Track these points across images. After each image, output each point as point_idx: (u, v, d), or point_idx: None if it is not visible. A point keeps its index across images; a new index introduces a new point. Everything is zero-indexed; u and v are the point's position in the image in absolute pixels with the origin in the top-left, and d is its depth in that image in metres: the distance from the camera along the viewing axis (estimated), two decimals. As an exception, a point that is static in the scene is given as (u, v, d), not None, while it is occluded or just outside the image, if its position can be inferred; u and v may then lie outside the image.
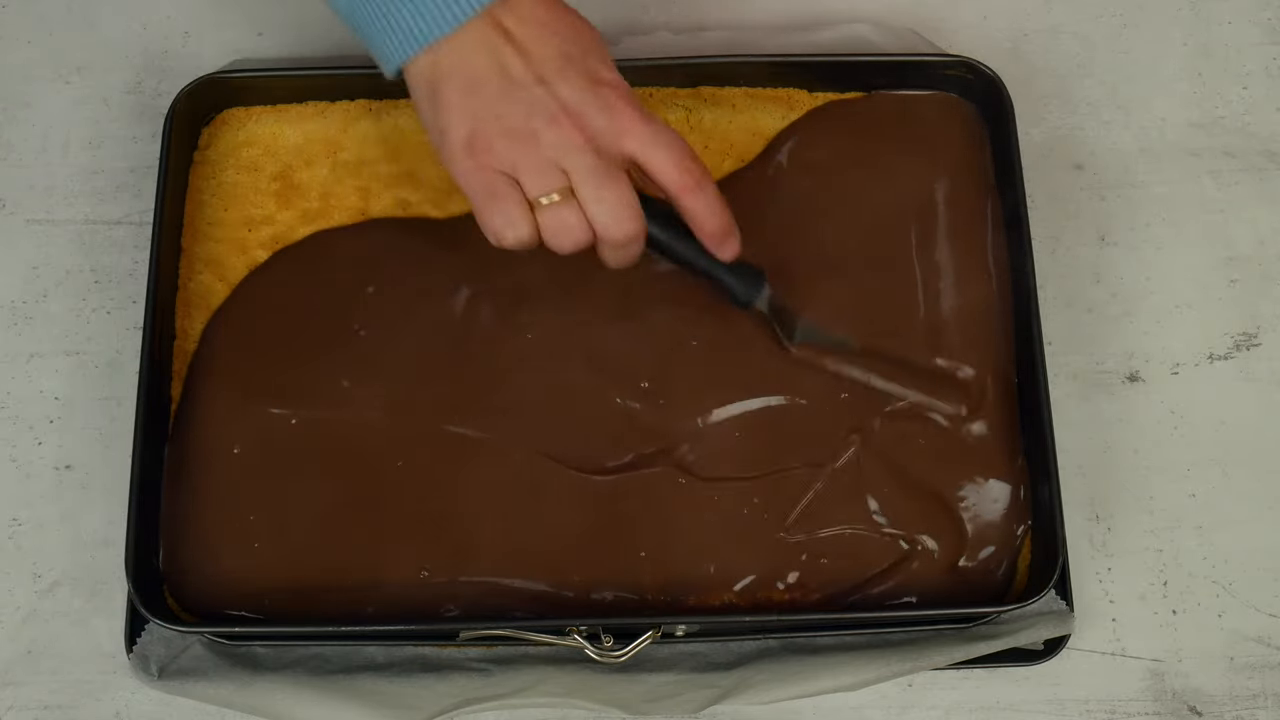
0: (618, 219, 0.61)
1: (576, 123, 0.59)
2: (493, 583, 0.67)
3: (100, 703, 0.69)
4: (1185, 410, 0.74)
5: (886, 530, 0.67)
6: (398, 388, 0.69)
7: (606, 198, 0.60)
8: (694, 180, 0.61)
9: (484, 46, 0.59)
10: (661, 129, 0.60)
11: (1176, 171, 0.78)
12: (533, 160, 0.60)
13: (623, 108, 0.59)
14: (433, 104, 0.60)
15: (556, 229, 0.61)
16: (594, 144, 0.59)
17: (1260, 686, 0.69)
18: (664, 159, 0.60)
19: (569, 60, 0.59)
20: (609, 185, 0.60)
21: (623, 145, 0.60)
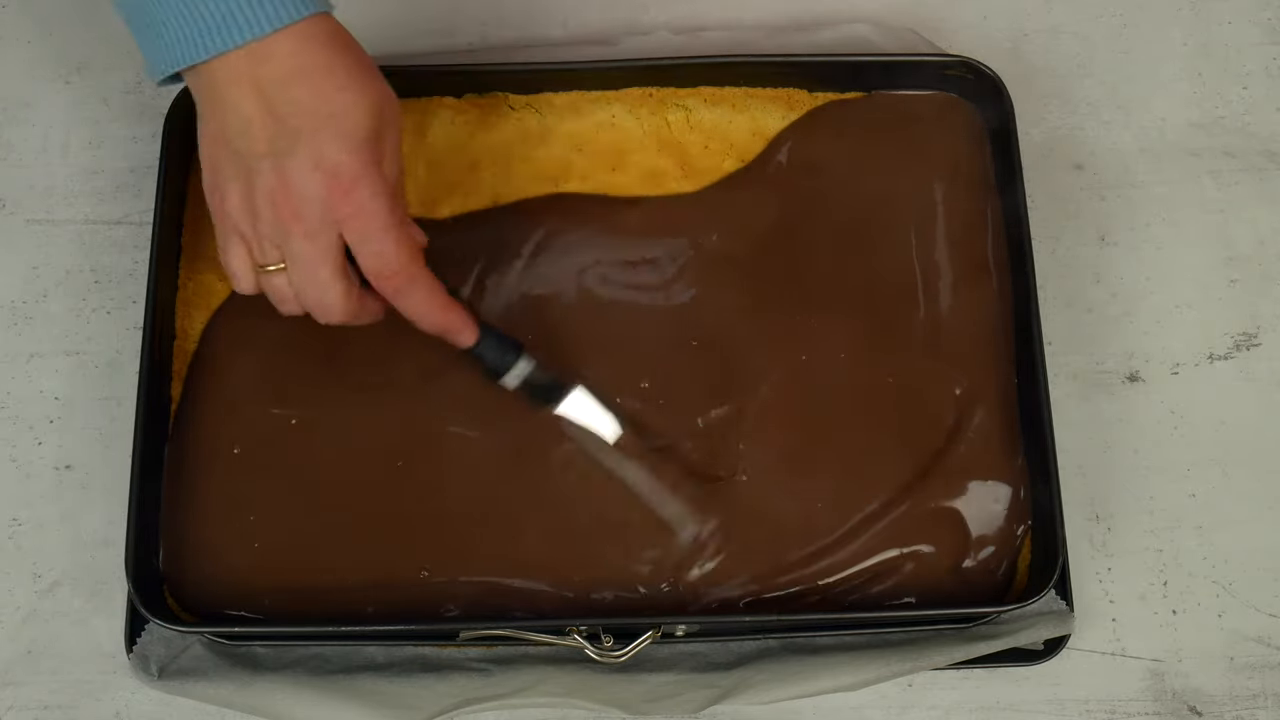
0: (320, 304, 0.60)
1: (293, 208, 0.58)
2: (493, 583, 0.67)
3: (100, 703, 0.69)
4: (1185, 410, 0.74)
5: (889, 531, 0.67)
6: (398, 388, 0.69)
7: (308, 286, 0.60)
8: (393, 288, 0.60)
9: (233, 88, 0.57)
10: (374, 232, 0.58)
11: (1176, 171, 0.78)
12: (254, 232, 0.60)
13: (336, 199, 0.57)
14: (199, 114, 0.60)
15: (273, 295, 0.62)
16: (306, 229, 0.58)
17: (1260, 686, 0.69)
18: (368, 265, 0.60)
19: (300, 136, 0.57)
20: (312, 271, 0.59)
21: (339, 230, 0.59)
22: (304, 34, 0.57)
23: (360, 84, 0.58)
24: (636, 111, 0.74)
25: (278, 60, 0.56)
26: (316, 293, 0.60)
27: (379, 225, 0.58)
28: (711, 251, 0.72)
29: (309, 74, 0.57)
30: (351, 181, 0.57)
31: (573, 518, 0.67)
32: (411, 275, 0.60)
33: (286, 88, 0.57)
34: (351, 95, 0.57)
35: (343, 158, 0.57)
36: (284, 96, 0.57)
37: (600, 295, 0.71)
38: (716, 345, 0.70)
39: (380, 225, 0.58)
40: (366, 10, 0.80)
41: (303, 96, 0.57)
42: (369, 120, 0.58)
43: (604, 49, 0.78)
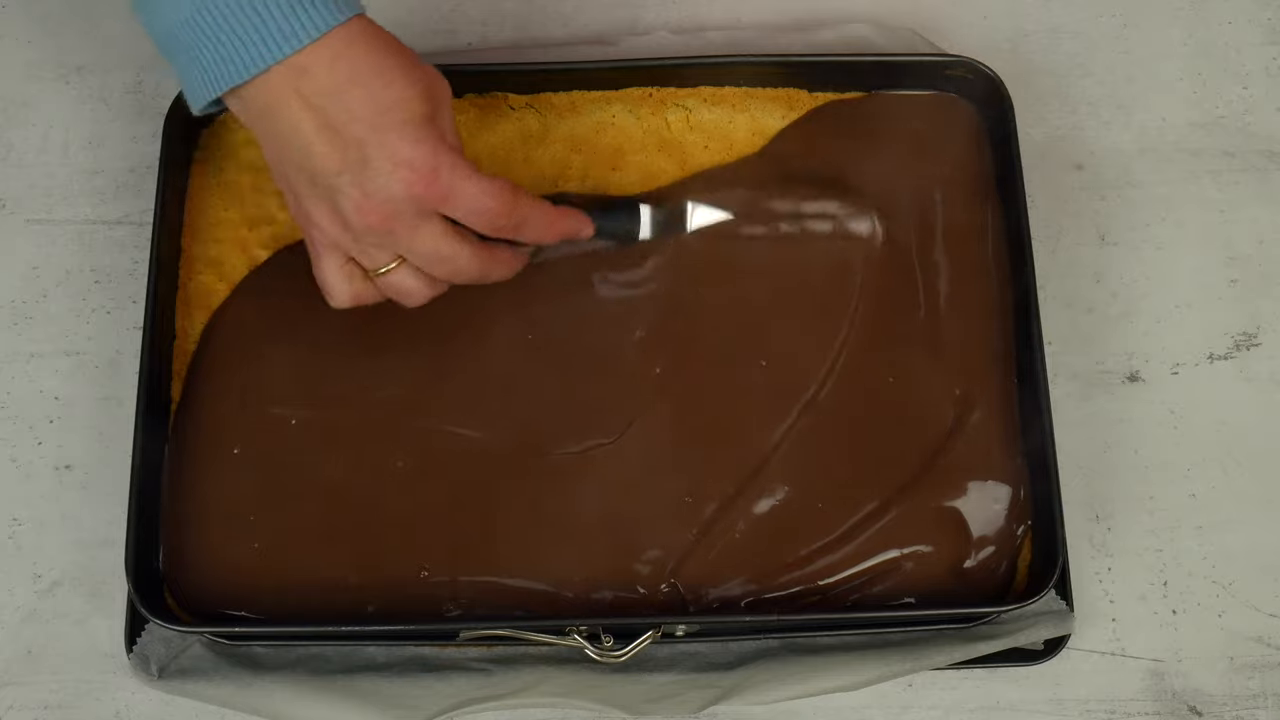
0: (456, 275, 0.62)
1: (386, 214, 0.58)
2: (493, 582, 0.67)
3: (100, 703, 0.69)
4: (1185, 410, 0.74)
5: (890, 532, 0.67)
6: (398, 388, 0.69)
7: (436, 267, 0.61)
8: (511, 230, 0.61)
9: (282, 109, 0.57)
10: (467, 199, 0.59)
11: (1177, 171, 0.78)
12: (355, 244, 0.60)
13: (422, 190, 0.58)
14: (258, 139, 0.60)
15: (396, 292, 0.63)
16: (408, 226, 0.59)
17: (1260, 686, 0.69)
18: (480, 226, 0.61)
19: (359, 147, 0.57)
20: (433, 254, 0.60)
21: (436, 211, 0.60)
22: (341, 40, 0.57)
23: (405, 74, 0.58)
24: (636, 111, 0.74)
25: (321, 72, 0.56)
26: (447, 268, 0.61)
27: (469, 192, 0.59)
28: (710, 249, 0.72)
29: (355, 79, 0.57)
30: (429, 170, 0.58)
31: (572, 518, 0.67)
32: (518, 211, 0.61)
33: (337, 98, 0.57)
34: (400, 88, 0.58)
35: (413, 151, 0.58)
36: (337, 107, 0.57)
37: (600, 294, 0.71)
38: (716, 344, 0.70)
39: (470, 192, 0.59)
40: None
41: (355, 103, 0.57)
42: (423, 106, 0.58)
43: (604, 49, 0.78)
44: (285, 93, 0.57)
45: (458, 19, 0.81)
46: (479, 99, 0.74)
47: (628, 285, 0.71)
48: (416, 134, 0.58)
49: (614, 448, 0.68)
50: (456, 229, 0.61)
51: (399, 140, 0.57)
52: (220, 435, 0.69)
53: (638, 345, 0.70)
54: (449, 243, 0.60)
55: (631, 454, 0.68)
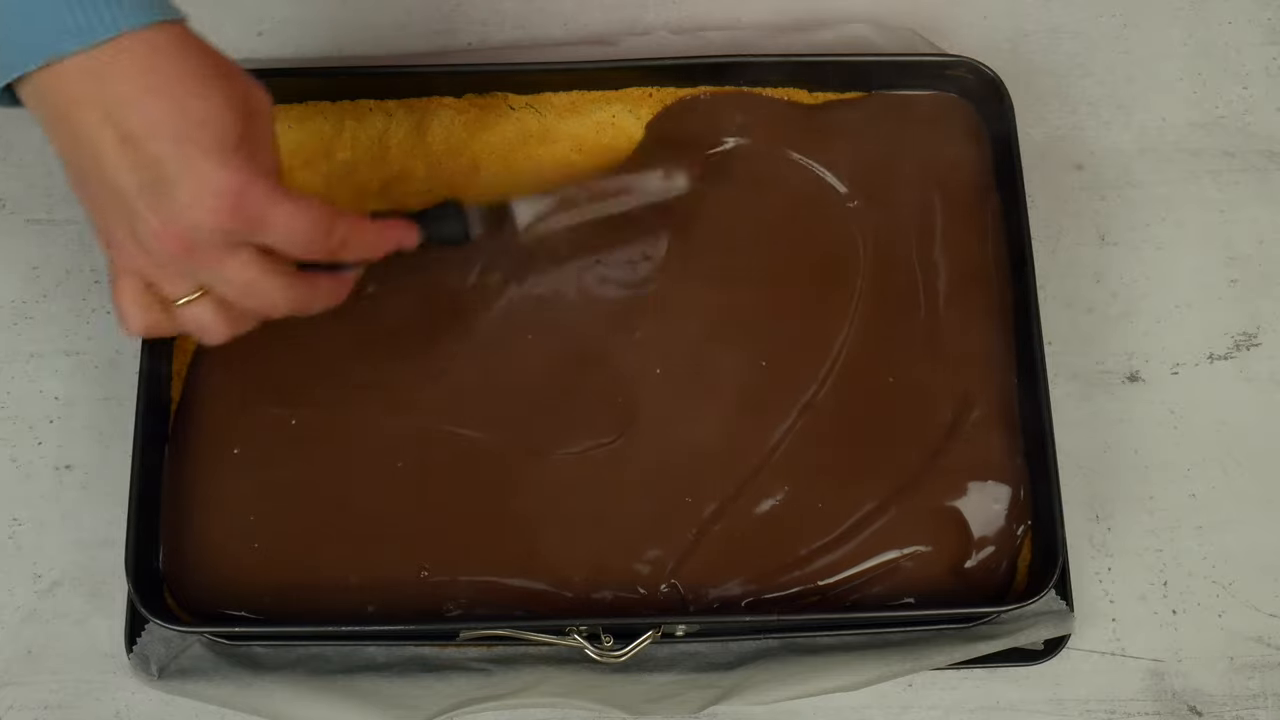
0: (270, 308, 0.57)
1: (188, 243, 0.53)
2: (493, 582, 0.67)
3: (100, 703, 0.69)
4: (1185, 410, 0.74)
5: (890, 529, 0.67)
6: (398, 388, 0.69)
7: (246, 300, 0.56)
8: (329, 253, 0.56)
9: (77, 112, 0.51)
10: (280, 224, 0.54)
11: (1177, 171, 0.78)
12: (156, 270, 0.55)
13: (228, 219, 0.52)
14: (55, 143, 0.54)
15: (194, 326, 0.57)
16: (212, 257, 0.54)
17: (1260, 686, 0.69)
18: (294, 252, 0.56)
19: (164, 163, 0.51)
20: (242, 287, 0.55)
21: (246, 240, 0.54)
22: (147, 46, 0.51)
23: (218, 88, 0.53)
24: (636, 111, 0.74)
25: (122, 80, 0.51)
26: (258, 302, 0.56)
27: (282, 218, 0.54)
28: (710, 248, 0.72)
29: (160, 91, 0.51)
30: (235, 196, 0.52)
31: (572, 518, 0.67)
32: (336, 233, 0.56)
33: (140, 110, 0.51)
34: (212, 100, 0.52)
35: (219, 173, 0.52)
36: (139, 120, 0.51)
37: (600, 293, 0.71)
38: (716, 344, 0.70)
39: (283, 218, 0.54)
40: (367, 11, 0.80)
41: (159, 117, 0.51)
42: (236, 124, 0.53)
43: (604, 49, 0.78)
44: (83, 98, 0.51)
45: (458, 19, 0.81)
46: (479, 99, 0.74)
47: (628, 286, 0.71)
48: (225, 156, 0.52)
49: (614, 448, 0.68)
50: (270, 259, 0.55)
51: (203, 161, 0.52)
52: (220, 435, 0.69)
53: (638, 345, 0.70)
54: (260, 275, 0.55)
55: (631, 454, 0.68)
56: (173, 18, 0.53)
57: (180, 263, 0.54)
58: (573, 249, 0.71)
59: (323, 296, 0.59)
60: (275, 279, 0.56)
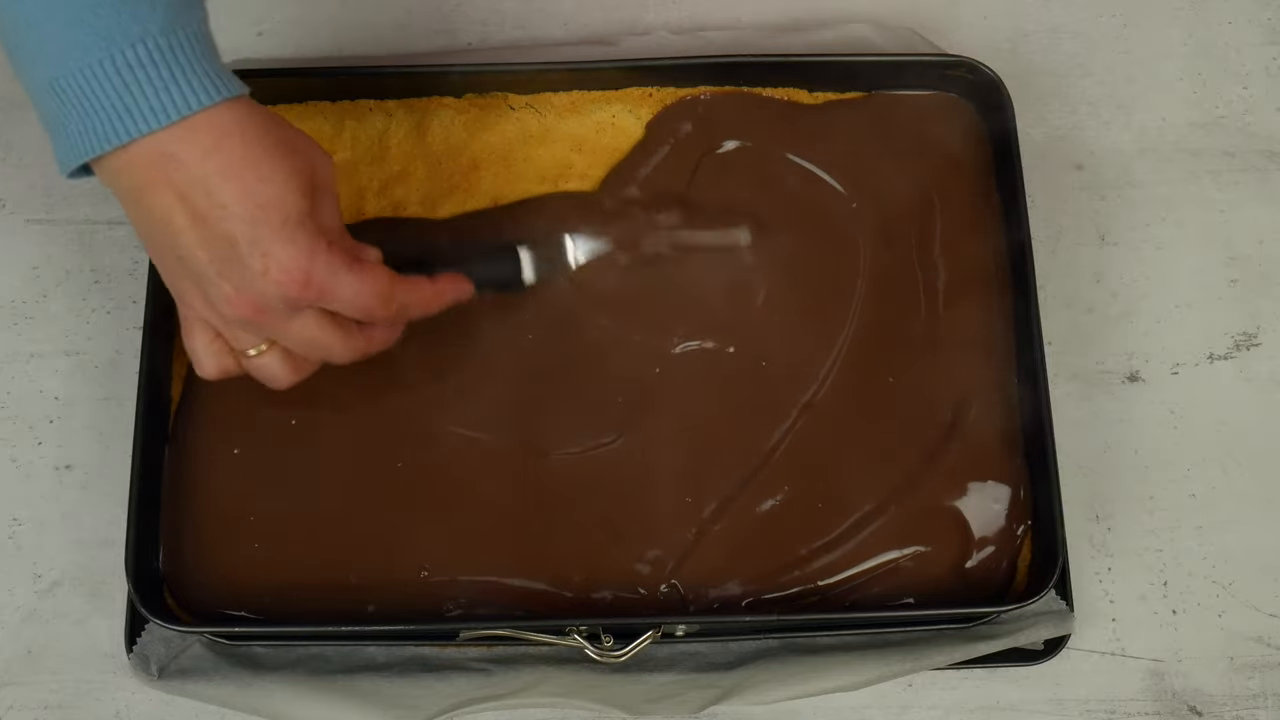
0: (331, 359, 0.61)
1: (257, 308, 0.56)
2: (493, 582, 0.67)
3: (100, 703, 0.69)
4: (1185, 410, 0.74)
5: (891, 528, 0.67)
6: (398, 388, 0.69)
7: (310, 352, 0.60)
8: (389, 319, 0.61)
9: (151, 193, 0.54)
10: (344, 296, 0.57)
11: (1177, 171, 0.78)
12: (224, 326, 0.59)
13: (296, 293, 0.56)
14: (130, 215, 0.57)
15: (263, 376, 0.61)
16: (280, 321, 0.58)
17: (1260, 686, 0.69)
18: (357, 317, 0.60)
19: (231, 245, 0.54)
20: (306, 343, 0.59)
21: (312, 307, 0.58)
22: (217, 127, 0.54)
23: (284, 165, 0.55)
24: (636, 111, 0.74)
25: (193, 162, 0.53)
26: (321, 354, 0.60)
27: (346, 291, 0.57)
28: (709, 249, 0.72)
29: (229, 173, 0.54)
30: (303, 273, 0.56)
31: (573, 518, 0.67)
32: (396, 301, 0.60)
33: (210, 191, 0.54)
34: (277, 184, 0.55)
35: (287, 252, 0.55)
36: (209, 202, 0.54)
37: (600, 291, 0.71)
38: (716, 344, 0.70)
39: (347, 290, 0.57)
40: (367, 11, 0.80)
41: (228, 198, 0.54)
42: (299, 200, 0.56)
43: (604, 49, 0.78)
44: (155, 178, 0.54)
45: (458, 19, 0.81)
46: (479, 99, 0.74)
47: (628, 286, 0.71)
48: (292, 233, 0.55)
49: (614, 448, 0.69)
50: (331, 318, 0.59)
51: (272, 240, 0.55)
52: (220, 435, 0.69)
53: (638, 345, 0.70)
54: (324, 333, 0.59)
55: (631, 454, 0.68)
56: (237, 93, 0.55)
57: (249, 323, 0.58)
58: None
59: (379, 344, 0.63)
60: (336, 335, 0.59)
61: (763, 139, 0.73)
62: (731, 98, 0.74)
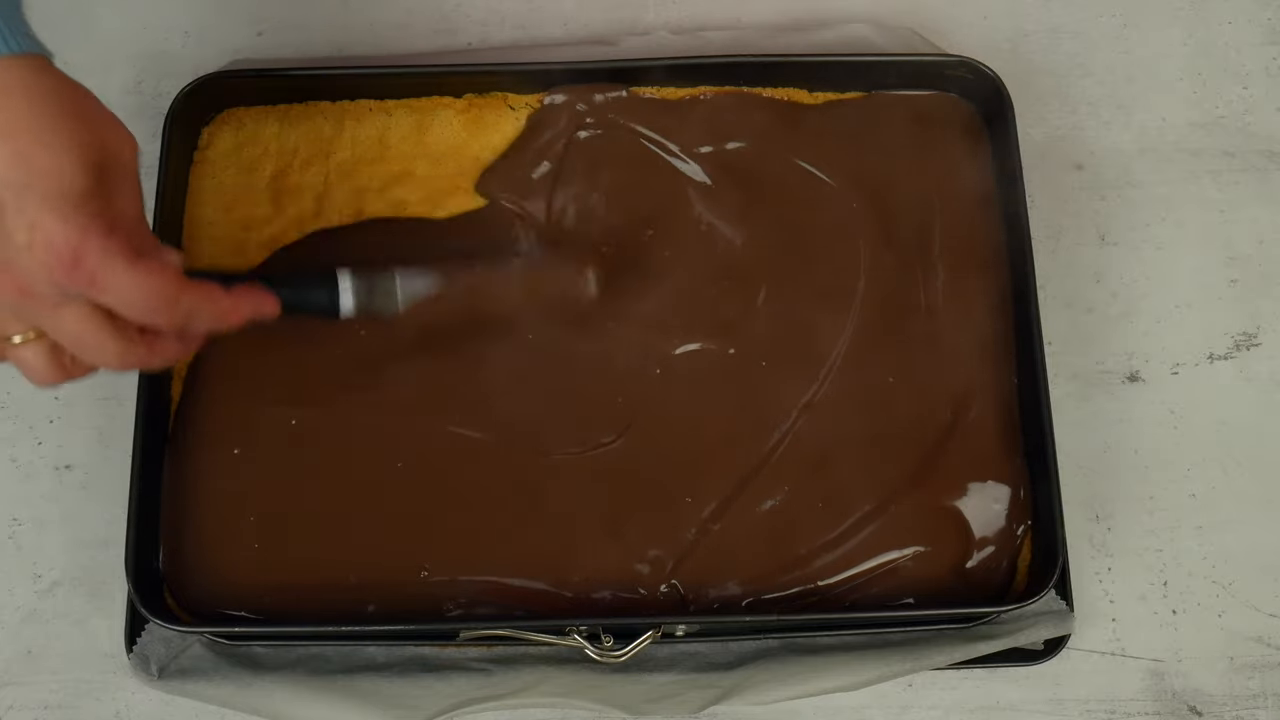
0: (103, 363, 0.54)
1: (22, 287, 0.51)
2: (493, 582, 0.67)
3: (100, 703, 0.69)
4: (1185, 410, 0.74)
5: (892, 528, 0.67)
6: (398, 388, 0.69)
7: (80, 350, 0.54)
8: (171, 324, 0.54)
9: None
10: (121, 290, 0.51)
11: (1177, 171, 0.78)
12: None
13: (61, 276, 0.50)
14: None
15: (24, 368, 0.55)
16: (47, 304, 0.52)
17: (1260, 686, 0.69)
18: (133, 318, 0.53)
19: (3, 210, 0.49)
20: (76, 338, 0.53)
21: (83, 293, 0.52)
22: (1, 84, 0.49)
23: (70, 135, 0.50)
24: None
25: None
26: (91, 355, 0.54)
27: (121, 284, 0.51)
28: (710, 248, 0.72)
29: (6, 132, 0.49)
30: (73, 253, 0.50)
31: (573, 518, 0.67)
32: (182, 305, 0.54)
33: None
34: (57, 152, 0.50)
35: (56, 227, 0.49)
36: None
37: (600, 293, 0.71)
38: (717, 344, 0.70)
39: (122, 284, 0.51)
40: (367, 11, 0.80)
41: (3, 159, 0.49)
42: (83, 174, 0.50)
43: (604, 49, 0.78)
44: None
45: (458, 19, 0.81)
46: (479, 99, 0.74)
47: (627, 285, 0.71)
48: (66, 209, 0.50)
49: (614, 448, 0.69)
50: (106, 317, 0.53)
51: (42, 211, 0.49)
52: (220, 435, 0.69)
53: (638, 346, 0.70)
54: (95, 331, 0.53)
55: (631, 454, 0.68)
56: (31, 50, 0.51)
57: (14, 304, 0.52)
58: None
59: (161, 356, 0.57)
60: (109, 337, 0.53)
61: (763, 139, 0.73)
62: (731, 98, 0.74)
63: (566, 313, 0.68)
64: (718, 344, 0.70)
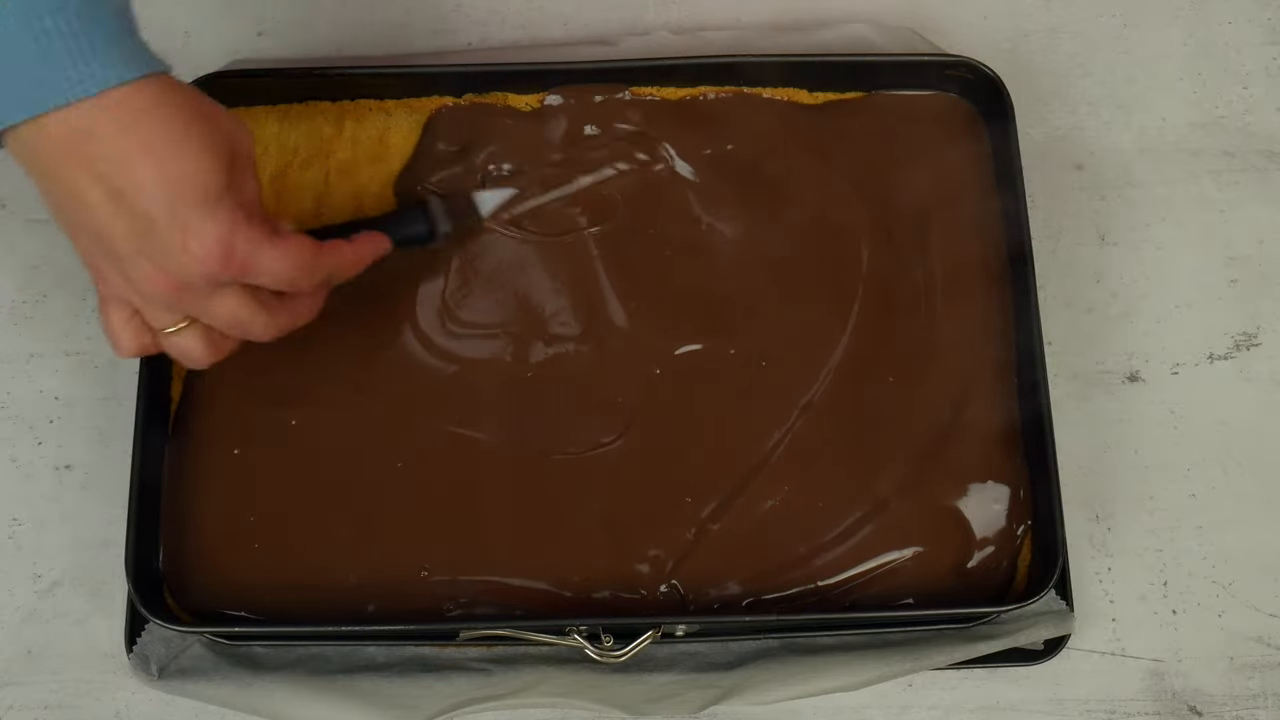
0: (252, 336, 0.59)
1: (178, 286, 0.55)
2: (493, 582, 0.67)
3: (100, 703, 0.69)
4: (1185, 410, 0.74)
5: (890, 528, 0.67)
6: (397, 388, 0.69)
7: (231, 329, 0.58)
8: (312, 288, 0.60)
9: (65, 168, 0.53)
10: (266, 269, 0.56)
11: (1177, 171, 0.78)
12: (144, 304, 0.57)
13: (217, 269, 0.55)
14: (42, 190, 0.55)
15: (180, 354, 0.60)
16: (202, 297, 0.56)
17: (1260, 686, 0.69)
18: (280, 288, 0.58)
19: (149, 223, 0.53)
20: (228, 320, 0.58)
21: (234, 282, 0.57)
22: (132, 102, 0.52)
23: (202, 140, 0.54)
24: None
25: (108, 138, 0.52)
26: (242, 331, 0.59)
27: (268, 263, 0.56)
28: (710, 248, 0.72)
29: (146, 149, 0.53)
30: (224, 247, 0.54)
31: (573, 518, 0.67)
32: (320, 269, 0.59)
33: (126, 168, 0.52)
34: (195, 159, 0.54)
35: (205, 226, 0.54)
36: (126, 179, 0.52)
37: (603, 286, 0.71)
38: (716, 344, 0.70)
39: (269, 263, 0.56)
40: (367, 11, 0.80)
41: (145, 176, 0.53)
42: (217, 174, 0.54)
43: (604, 49, 0.78)
44: (69, 154, 0.52)
45: (458, 19, 0.81)
46: (478, 99, 0.74)
47: (628, 287, 0.71)
48: (211, 209, 0.54)
49: (614, 448, 0.68)
50: (253, 293, 0.58)
51: (191, 216, 0.54)
52: (220, 435, 0.69)
53: (638, 346, 0.70)
54: (246, 309, 0.58)
55: (631, 454, 0.68)
56: (156, 70, 0.54)
57: (170, 301, 0.56)
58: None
59: (302, 317, 0.62)
60: (258, 311, 0.58)
61: (762, 139, 0.73)
62: (732, 98, 0.74)
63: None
64: (718, 344, 0.70)
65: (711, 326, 0.70)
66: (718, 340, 0.70)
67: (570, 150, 0.73)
